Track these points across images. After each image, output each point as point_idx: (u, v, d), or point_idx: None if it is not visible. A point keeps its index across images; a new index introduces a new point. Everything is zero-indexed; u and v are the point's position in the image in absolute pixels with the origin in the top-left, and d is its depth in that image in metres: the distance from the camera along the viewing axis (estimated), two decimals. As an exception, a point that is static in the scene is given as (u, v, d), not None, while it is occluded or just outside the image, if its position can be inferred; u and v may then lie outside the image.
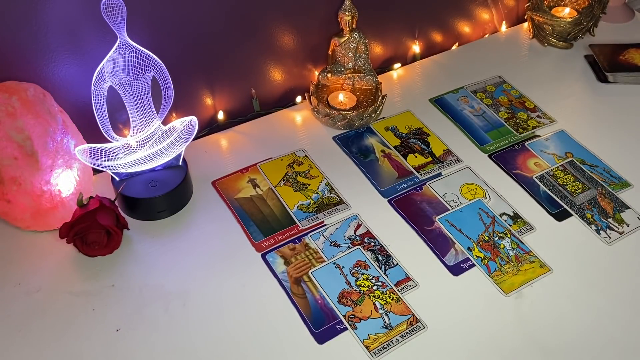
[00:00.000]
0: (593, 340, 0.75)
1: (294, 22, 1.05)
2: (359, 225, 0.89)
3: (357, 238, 0.87)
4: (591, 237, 0.87)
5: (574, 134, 1.04)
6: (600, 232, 0.88)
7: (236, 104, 1.08)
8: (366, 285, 0.81)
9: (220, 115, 1.07)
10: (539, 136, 1.04)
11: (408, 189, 0.95)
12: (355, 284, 0.81)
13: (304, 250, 0.85)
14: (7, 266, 0.83)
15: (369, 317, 0.77)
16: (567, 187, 0.94)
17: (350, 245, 0.86)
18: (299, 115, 1.08)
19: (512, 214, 0.91)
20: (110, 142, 0.87)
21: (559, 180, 0.96)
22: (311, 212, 0.91)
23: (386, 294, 0.80)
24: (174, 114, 1.02)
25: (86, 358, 0.73)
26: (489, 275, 0.82)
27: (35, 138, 0.81)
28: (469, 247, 0.86)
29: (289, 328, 0.77)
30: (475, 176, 0.97)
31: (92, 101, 0.83)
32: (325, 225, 0.89)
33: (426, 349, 0.74)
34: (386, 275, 0.82)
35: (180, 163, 0.92)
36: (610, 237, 0.87)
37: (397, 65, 1.20)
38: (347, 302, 0.79)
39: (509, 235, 0.87)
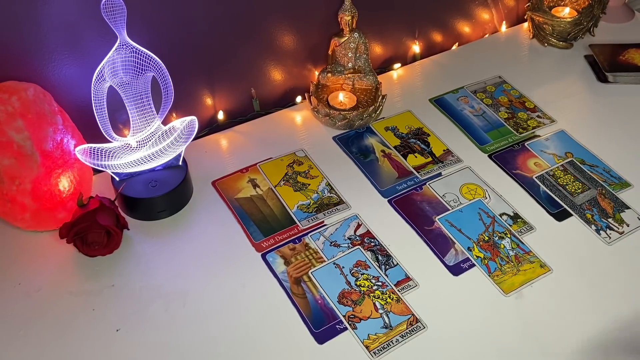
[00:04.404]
0: (593, 340, 0.75)
1: (294, 22, 1.05)
2: (359, 225, 0.89)
3: (357, 238, 0.87)
4: (591, 237, 0.87)
5: (574, 134, 1.04)
6: (600, 232, 0.88)
7: (236, 104, 1.08)
8: (366, 285, 0.81)
9: (220, 115, 1.07)
10: (539, 136, 1.04)
11: (408, 189, 0.95)
12: (355, 284, 0.81)
13: (304, 250, 0.85)
14: (7, 266, 0.83)
15: (369, 317, 0.77)
16: (567, 187, 0.94)
17: (350, 245, 0.86)
18: (299, 115, 1.08)
19: (512, 214, 0.90)
20: (110, 142, 0.87)
21: (559, 180, 0.95)
22: (311, 212, 0.91)
23: (386, 294, 0.80)
24: (174, 114, 1.02)
25: (86, 358, 0.73)
26: (489, 275, 0.82)
27: (35, 138, 0.81)
28: (469, 247, 0.86)
29: (289, 328, 0.77)
30: (475, 176, 0.97)
31: (92, 101, 0.83)
32: (325, 225, 0.89)
33: (426, 349, 0.74)
34: (386, 275, 0.82)
35: (180, 163, 0.92)
36: (610, 237, 0.87)
37: (397, 65, 1.20)
38: (347, 302, 0.79)
39: (509, 235, 0.87)
